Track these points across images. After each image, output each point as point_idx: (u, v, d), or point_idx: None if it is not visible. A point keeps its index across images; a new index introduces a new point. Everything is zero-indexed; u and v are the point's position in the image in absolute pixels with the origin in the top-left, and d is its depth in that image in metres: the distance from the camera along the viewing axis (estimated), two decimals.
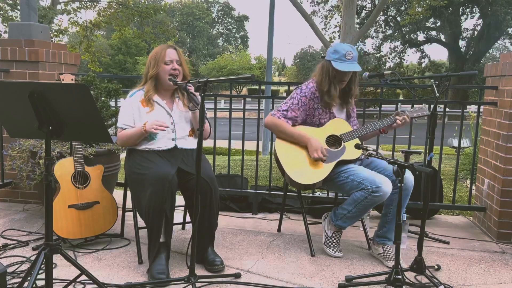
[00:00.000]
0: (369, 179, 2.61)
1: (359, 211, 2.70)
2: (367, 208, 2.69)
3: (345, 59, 2.72)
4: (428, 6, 13.67)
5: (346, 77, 2.79)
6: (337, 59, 2.73)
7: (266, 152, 10.38)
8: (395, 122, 2.82)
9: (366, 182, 2.61)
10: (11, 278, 2.38)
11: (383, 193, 2.58)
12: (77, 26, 16.06)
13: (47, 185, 1.90)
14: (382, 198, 2.60)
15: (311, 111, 2.85)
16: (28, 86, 1.83)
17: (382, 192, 2.57)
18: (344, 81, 2.80)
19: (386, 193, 2.59)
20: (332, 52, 2.77)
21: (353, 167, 2.74)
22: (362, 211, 2.70)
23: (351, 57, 2.72)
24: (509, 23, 22.11)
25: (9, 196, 3.85)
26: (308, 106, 2.84)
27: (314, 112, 2.85)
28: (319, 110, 2.85)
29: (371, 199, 2.60)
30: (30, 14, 4.03)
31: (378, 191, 2.57)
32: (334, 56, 2.75)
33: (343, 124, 2.87)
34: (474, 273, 2.70)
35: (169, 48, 2.69)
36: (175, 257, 2.75)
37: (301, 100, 2.82)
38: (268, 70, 10.93)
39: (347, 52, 2.72)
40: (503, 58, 3.34)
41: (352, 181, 2.67)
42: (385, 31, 25.21)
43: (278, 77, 59.67)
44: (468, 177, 5.60)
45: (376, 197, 2.59)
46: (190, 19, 51.81)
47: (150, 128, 2.53)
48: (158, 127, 2.52)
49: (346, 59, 2.72)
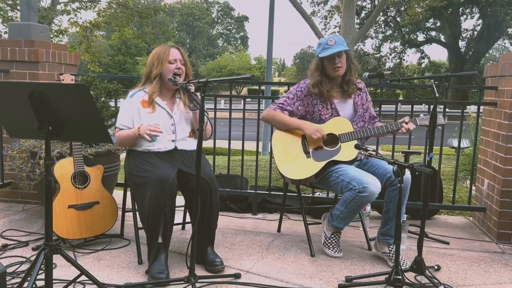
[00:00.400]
0: (357, 179, 2.60)
1: (350, 211, 2.70)
2: (358, 208, 2.68)
3: (328, 46, 2.77)
4: (428, 7, 13.69)
5: (338, 62, 2.78)
6: (322, 50, 2.79)
7: (266, 153, 10.38)
8: (400, 129, 2.79)
9: (354, 182, 2.60)
10: (11, 279, 2.38)
11: (369, 193, 2.56)
12: (77, 27, 16.06)
13: (47, 185, 1.90)
14: (370, 199, 2.59)
15: (310, 107, 2.87)
16: (28, 87, 1.83)
17: (368, 192, 2.56)
18: (338, 67, 2.79)
19: (373, 193, 2.57)
20: (317, 47, 2.85)
21: (343, 167, 2.74)
22: (353, 211, 2.70)
23: (333, 43, 2.77)
24: (509, 23, 22.13)
25: (9, 196, 3.85)
26: (306, 102, 2.86)
27: (313, 108, 2.86)
28: (318, 106, 2.86)
29: (359, 199, 2.60)
30: (30, 14, 4.03)
31: (364, 191, 2.56)
32: (319, 49, 2.82)
33: (344, 124, 2.85)
34: (474, 273, 2.70)
35: (173, 47, 2.68)
36: (175, 257, 2.75)
37: (296, 94, 2.87)
38: (268, 71, 10.94)
39: (328, 40, 2.79)
40: (502, 58, 3.34)
41: (342, 181, 2.68)
42: (385, 32, 25.23)
43: (278, 78, 59.66)
44: (468, 177, 5.60)
45: (363, 197, 2.58)
46: (190, 20, 51.82)
47: (143, 133, 2.52)
48: (151, 133, 2.51)
49: (329, 45, 2.77)
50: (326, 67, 2.81)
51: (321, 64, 2.83)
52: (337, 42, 2.76)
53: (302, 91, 2.87)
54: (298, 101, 2.86)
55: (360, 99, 2.94)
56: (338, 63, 2.78)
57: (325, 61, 2.80)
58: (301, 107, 2.87)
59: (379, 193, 2.61)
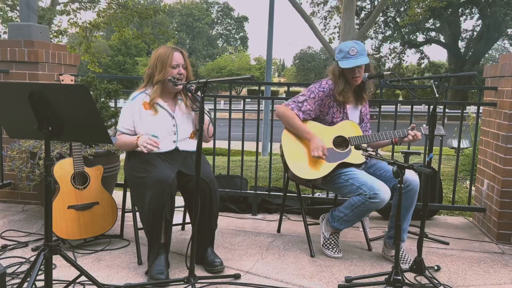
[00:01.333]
0: (368, 184, 2.59)
1: (355, 215, 2.69)
2: (364, 213, 2.68)
3: (349, 56, 2.74)
4: (428, 7, 13.70)
5: (357, 73, 2.77)
6: (343, 58, 2.75)
7: (265, 153, 10.38)
8: (407, 136, 2.78)
9: (364, 187, 2.59)
10: (10, 279, 2.38)
11: (380, 200, 2.56)
12: (76, 27, 16.07)
13: (47, 186, 1.90)
14: (379, 205, 2.59)
15: (325, 108, 2.85)
16: (28, 87, 1.82)
17: (379, 199, 2.56)
18: (356, 77, 2.78)
19: (384, 200, 2.57)
20: (338, 52, 2.81)
21: (353, 171, 2.73)
22: (358, 216, 2.70)
23: (355, 52, 2.73)
24: (508, 24, 22.14)
25: (9, 196, 3.85)
26: (325, 102, 2.84)
27: (328, 110, 2.85)
28: (333, 108, 2.85)
29: (368, 205, 2.59)
30: (29, 15, 4.04)
31: (375, 198, 2.56)
32: (340, 56, 2.78)
33: (354, 127, 2.85)
34: (473, 273, 2.70)
35: (176, 51, 2.65)
36: (175, 258, 2.75)
37: (318, 94, 2.83)
38: (268, 71, 10.92)
39: (350, 48, 2.74)
40: (502, 59, 3.34)
41: (351, 184, 2.66)
42: (385, 32, 25.24)
43: (277, 78, 59.72)
44: (468, 177, 5.60)
45: (373, 204, 2.58)
46: (190, 20, 51.81)
47: (141, 144, 2.51)
48: (148, 146, 2.48)
49: (351, 55, 2.73)
50: (345, 75, 2.80)
51: (343, 72, 2.79)
52: (359, 52, 2.73)
53: (324, 92, 2.83)
54: (318, 101, 2.82)
55: (364, 109, 2.98)
56: (357, 73, 2.77)
57: (345, 70, 2.77)
58: (318, 107, 2.85)
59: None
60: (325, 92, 2.83)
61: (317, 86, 2.86)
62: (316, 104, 2.83)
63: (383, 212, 3.70)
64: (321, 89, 2.84)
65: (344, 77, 2.80)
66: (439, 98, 2.44)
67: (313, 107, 2.83)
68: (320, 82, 2.88)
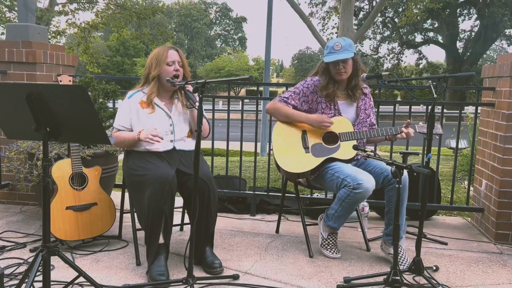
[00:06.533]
0: (352, 176, 2.61)
1: (344, 209, 2.70)
2: (352, 206, 2.68)
3: (333, 51, 2.78)
4: (425, 8, 13.73)
5: (342, 68, 2.79)
6: (328, 53, 2.81)
7: (264, 153, 10.37)
8: (400, 133, 2.79)
9: (348, 178, 2.61)
10: (8, 280, 2.37)
11: (364, 190, 2.56)
12: (75, 28, 16.05)
13: (45, 186, 1.90)
14: (364, 195, 2.59)
15: (314, 105, 2.88)
16: (26, 88, 1.82)
17: (363, 189, 2.56)
18: (341, 72, 2.80)
19: (367, 189, 2.57)
20: (325, 49, 2.87)
21: (338, 164, 2.75)
22: (347, 209, 2.70)
23: (339, 47, 2.77)
24: (506, 24, 22.21)
25: (7, 197, 3.84)
26: (311, 98, 2.88)
27: (317, 106, 2.88)
28: (322, 104, 2.87)
29: (353, 196, 2.60)
30: (27, 15, 4.03)
31: (359, 188, 2.56)
32: (326, 52, 2.84)
33: (345, 124, 2.86)
34: (472, 274, 2.70)
35: (171, 49, 2.67)
36: (173, 259, 2.75)
37: (302, 90, 2.89)
38: (266, 71, 10.91)
39: (335, 44, 2.79)
40: (500, 59, 3.35)
41: (337, 178, 2.68)
42: (383, 33, 25.28)
43: (276, 79, 59.70)
44: (466, 178, 5.61)
45: (358, 194, 2.58)
46: (188, 21, 51.78)
47: (144, 138, 2.51)
48: (153, 138, 2.49)
49: (335, 50, 2.78)
50: (331, 70, 2.84)
51: (327, 67, 2.85)
52: (344, 48, 2.76)
53: (308, 88, 2.88)
54: (303, 97, 2.88)
55: (363, 103, 2.97)
56: (341, 68, 2.79)
57: (330, 64, 2.82)
58: (305, 103, 2.89)
59: (373, 190, 2.62)
60: (309, 89, 2.88)
61: (302, 83, 2.94)
62: (301, 100, 2.89)
63: (381, 212, 3.70)
64: (306, 86, 2.90)
65: (328, 72, 2.85)
66: (437, 98, 2.44)
67: (298, 103, 2.89)
68: (306, 80, 2.95)
